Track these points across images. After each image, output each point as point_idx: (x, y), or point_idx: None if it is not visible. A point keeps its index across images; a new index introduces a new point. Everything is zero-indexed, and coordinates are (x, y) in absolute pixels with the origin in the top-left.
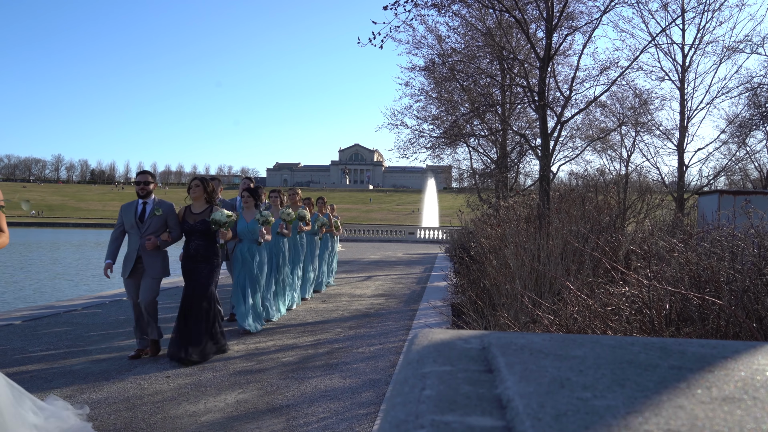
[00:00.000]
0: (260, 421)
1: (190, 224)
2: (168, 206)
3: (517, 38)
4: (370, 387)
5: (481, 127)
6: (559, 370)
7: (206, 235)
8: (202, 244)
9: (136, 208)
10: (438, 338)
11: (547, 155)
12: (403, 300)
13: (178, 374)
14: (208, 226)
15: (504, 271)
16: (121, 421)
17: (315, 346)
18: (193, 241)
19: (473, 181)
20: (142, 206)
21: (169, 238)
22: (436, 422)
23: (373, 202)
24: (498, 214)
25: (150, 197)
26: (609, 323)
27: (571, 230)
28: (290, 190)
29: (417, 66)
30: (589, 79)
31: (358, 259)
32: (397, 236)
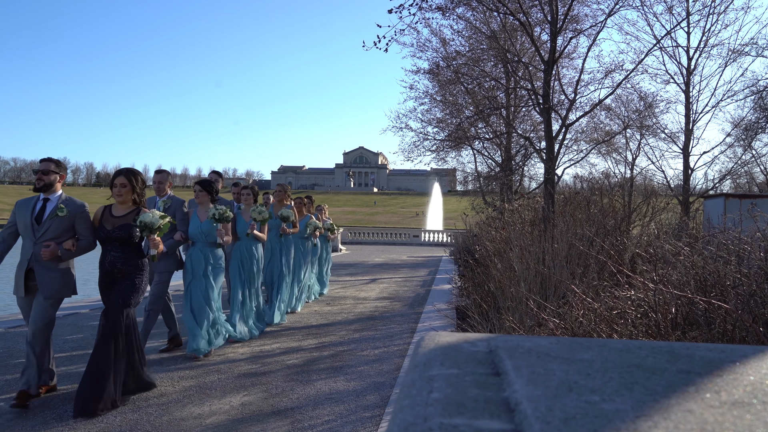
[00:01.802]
0: (265, 423)
1: (107, 230)
2: (77, 206)
3: (522, 41)
4: (375, 390)
5: (485, 130)
6: (566, 374)
7: (126, 244)
8: (119, 256)
9: (34, 206)
10: (445, 341)
11: (551, 158)
12: (408, 303)
13: (183, 377)
14: (129, 232)
15: (509, 274)
16: (126, 423)
17: (319, 349)
18: (109, 253)
19: (478, 184)
20: (41, 203)
21: (73, 247)
22: (444, 425)
23: (377, 205)
24: (502, 217)
25: (55, 193)
26: (615, 327)
27: (576, 233)
28: (278, 186)
29: (421, 69)
30: (594, 82)
31: (363, 261)
32: (402, 239)
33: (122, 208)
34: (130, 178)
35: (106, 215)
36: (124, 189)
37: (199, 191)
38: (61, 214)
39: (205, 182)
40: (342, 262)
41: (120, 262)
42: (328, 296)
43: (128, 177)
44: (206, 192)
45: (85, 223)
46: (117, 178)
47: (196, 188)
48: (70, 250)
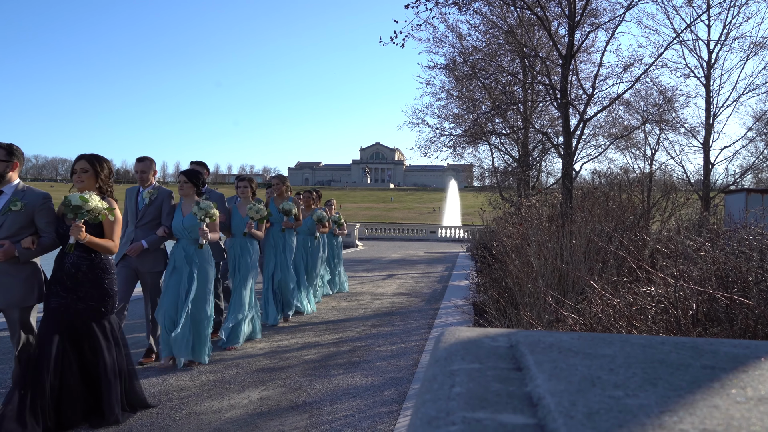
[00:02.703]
0: (283, 418)
1: (68, 226)
2: (36, 197)
3: (539, 36)
4: (393, 385)
5: (502, 125)
6: (589, 369)
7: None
8: (83, 257)
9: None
10: (465, 336)
11: (569, 153)
12: (425, 299)
13: (202, 371)
14: (95, 229)
15: (526, 270)
16: (146, 416)
17: (337, 344)
18: (72, 254)
19: (495, 180)
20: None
21: (33, 245)
22: (467, 419)
23: (394, 201)
24: (520, 212)
25: (9, 183)
26: (634, 323)
27: (595, 229)
28: (275, 178)
29: (438, 64)
30: (613, 76)
31: (380, 257)
32: (418, 235)
33: None
34: (93, 162)
35: None
36: (85, 174)
37: (184, 182)
38: (15, 208)
39: (191, 173)
40: (359, 258)
41: (85, 264)
42: (345, 292)
43: (90, 161)
44: (191, 184)
45: (47, 216)
46: (77, 162)
47: (181, 179)
48: (30, 249)
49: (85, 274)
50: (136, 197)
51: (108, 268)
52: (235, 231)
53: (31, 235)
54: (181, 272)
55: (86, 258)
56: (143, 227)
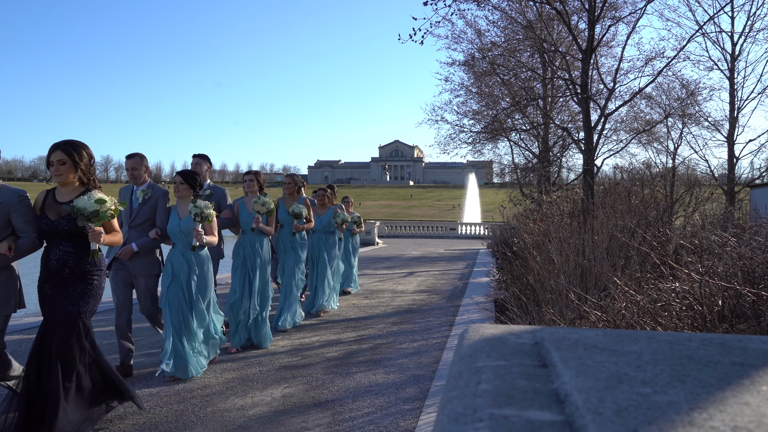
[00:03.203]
0: (306, 415)
1: (51, 221)
2: (11, 196)
3: (559, 30)
4: (414, 383)
5: (522, 121)
6: (615, 366)
7: (79, 237)
8: (70, 252)
9: None
10: (489, 333)
11: (590, 149)
12: (446, 296)
13: (225, 369)
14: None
15: (548, 266)
16: (172, 413)
17: (358, 342)
18: (57, 248)
19: (515, 176)
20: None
21: (10, 251)
22: (494, 416)
23: (413, 198)
24: (541, 209)
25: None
26: (659, 319)
27: (617, 225)
28: (287, 177)
29: (456, 61)
30: (634, 70)
31: (400, 255)
32: (439, 232)
33: (67, 192)
34: (70, 151)
35: (49, 202)
36: (63, 167)
37: (180, 183)
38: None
39: (188, 174)
40: (379, 255)
41: (72, 259)
42: (366, 290)
43: (66, 151)
44: (188, 185)
45: (24, 216)
46: (52, 153)
47: (177, 180)
48: (6, 255)
49: (72, 270)
50: (130, 197)
51: (97, 262)
52: (244, 227)
53: (8, 237)
54: (179, 280)
55: (73, 253)
56: (137, 228)
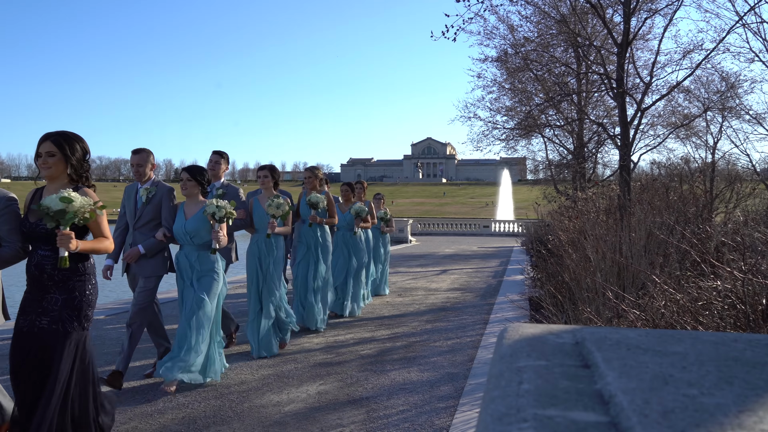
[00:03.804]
0: (341, 412)
1: (30, 224)
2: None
3: (593, 24)
4: (449, 381)
5: (556, 117)
6: (660, 366)
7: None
8: (49, 256)
9: None
10: (529, 332)
11: (626, 144)
12: (479, 294)
13: (261, 365)
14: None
15: (584, 264)
16: (210, 408)
17: (392, 340)
18: (36, 252)
19: (549, 173)
20: None
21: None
22: (538, 416)
23: (446, 196)
24: (576, 206)
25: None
26: (700, 319)
27: (655, 222)
28: (306, 170)
29: (489, 57)
30: (671, 63)
31: (433, 253)
32: (472, 230)
33: (55, 189)
34: (61, 143)
35: (36, 201)
36: (52, 159)
37: (187, 180)
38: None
39: (194, 169)
40: (412, 253)
41: (50, 264)
42: (399, 287)
43: (57, 142)
44: (195, 182)
45: (9, 222)
46: (42, 144)
47: (183, 176)
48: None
49: (51, 276)
50: (134, 195)
51: (80, 269)
52: (258, 226)
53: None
54: (187, 284)
55: (51, 257)
56: (141, 229)
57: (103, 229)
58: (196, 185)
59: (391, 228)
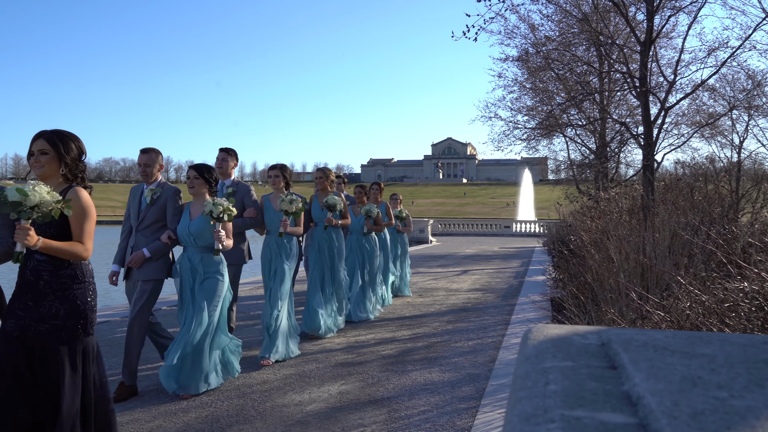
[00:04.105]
0: (363, 412)
1: None
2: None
3: (616, 22)
4: (470, 382)
5: (578, 116)
6: (688, 368)
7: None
8: (45, 261)
9: None
10: (554, 333)
11: (650, 144)
12: (501, 294)
13: (283, 365)
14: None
15: (607, 265)
16: (233, 407)
17: (413, 340)
18: (32, 256)
19: (571, 173)
20: None
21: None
22: (566, 417)
23: (467, 196)
24: (598, 206)
25: None
26: (726, 320)
27: (679, 222)
28: (318, 171)
29: (510, 57)
30: (696, 61)
31: (454, 253)
32: (493, 230)
33: None
34: (55, 141)
35: None
36: (45, 157)
37: (195, 178)
38: None
39: (202, 167)
40: (433, 253)
41: (48, 271)
42: (420, 288)
43: (51, 140)
44: (203, 180)
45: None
46: (35, 142)
47: (190, 174)
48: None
49: (48, 283)
50: (139, 196)
51: (79, 275)
52: (269, 227)
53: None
54: (188, 287)
55: (49, 263)
56: (144, 231)
57: (84, 233)
58: (203, 183)
59: (408, 228)
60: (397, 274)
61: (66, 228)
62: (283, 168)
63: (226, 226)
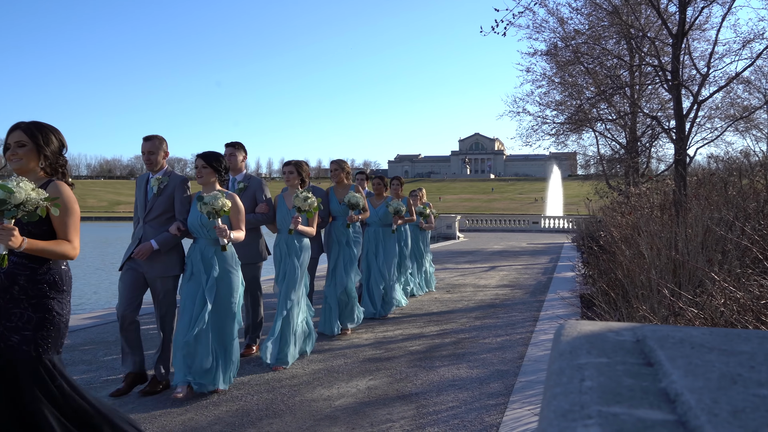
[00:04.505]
0: (391, 407)
1: None
2: None
3: (647, 15)
4: (499, 378)
5: (608, 110)
6: (727, 366)
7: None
8: (23, 264)
9: None
10: (587, 330)
11: (682, 138)
12: (529, 291)
13: (311, 360)
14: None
15: (638, 261)
16: (262, 402)
17: (441, 336)
18: (9, 258)
19: (600, 168)
20: None
21: None
22: (603, 413)
23: (494, 192)
24: (629, 201)
25: None
26: (762, 318)
27: (713, 217)
28: (333, 163)
29: (538, 51)
30: (730, 53)
31: (481, 249)
32: (521, 226)
33: None
34: (33, 133)
35: None
36: (22, 150)
37: (202, 167)
38: None
39: (209, 156)
40: (460, 249)
41: (24, 275)
42: (448, 284)
43: (30, 132)
44: (212, 169)
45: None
46: (11, 134)
47: (198, 164)
48: None
49: (24, 288)
50: (145, 186)
51: (59, 282)
52: (280, 225)
53: None
54: (199, 280)
55: (25, 266)
56: (152, 222)
57: (69, 230)
58: (212, 172)
59: (430, 225)
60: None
61: (48, 226)
62: (299, 164)
63: (232, 219)
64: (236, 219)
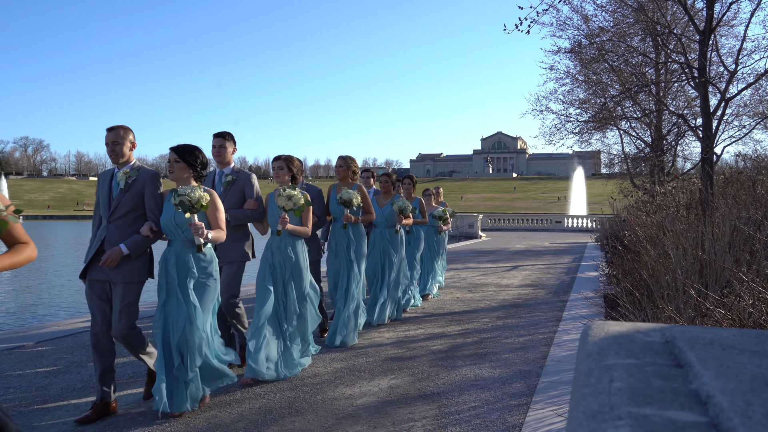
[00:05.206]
0: (413, 406)
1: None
2: None
3: (673, 11)
4: (521, 378)
5: (633, 108)
6: (759, 368)
7: None
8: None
9: None
10: (615, 330)
11: (709, 136)
12: (552, 290)
13: (333, 359)
14: None
15: (663, 261)
16: (285, 400)
17: (463, 335)
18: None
19: (625, 166)
20: None
21: None
22: (633, 414)
23: (517, 191)
24: (654, 200)
25: None
26: None
27: (741, 217)
28: (339, 160)
29: (562, 49)
30: (759, 50)
31: (504, 248)
32: (543, 225)
33: None
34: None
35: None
36: None
37: (175, 162)
38: None
39: (184, 149)
40: (482, 248)
41: None
42: (470, 283)
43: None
44: (185, 163)
45: None
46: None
47: (171, 157)
48: None
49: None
50: (109, 182)
51: None
52: (272, 226)
53: None
54: (174, 286)
55: None
56: (117, 222)
57: (19, 234)
58: (185, 167)
59: (446, 227)
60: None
61: None
62: (289, 159)
63: (210, 217)
64: (215, 217)
